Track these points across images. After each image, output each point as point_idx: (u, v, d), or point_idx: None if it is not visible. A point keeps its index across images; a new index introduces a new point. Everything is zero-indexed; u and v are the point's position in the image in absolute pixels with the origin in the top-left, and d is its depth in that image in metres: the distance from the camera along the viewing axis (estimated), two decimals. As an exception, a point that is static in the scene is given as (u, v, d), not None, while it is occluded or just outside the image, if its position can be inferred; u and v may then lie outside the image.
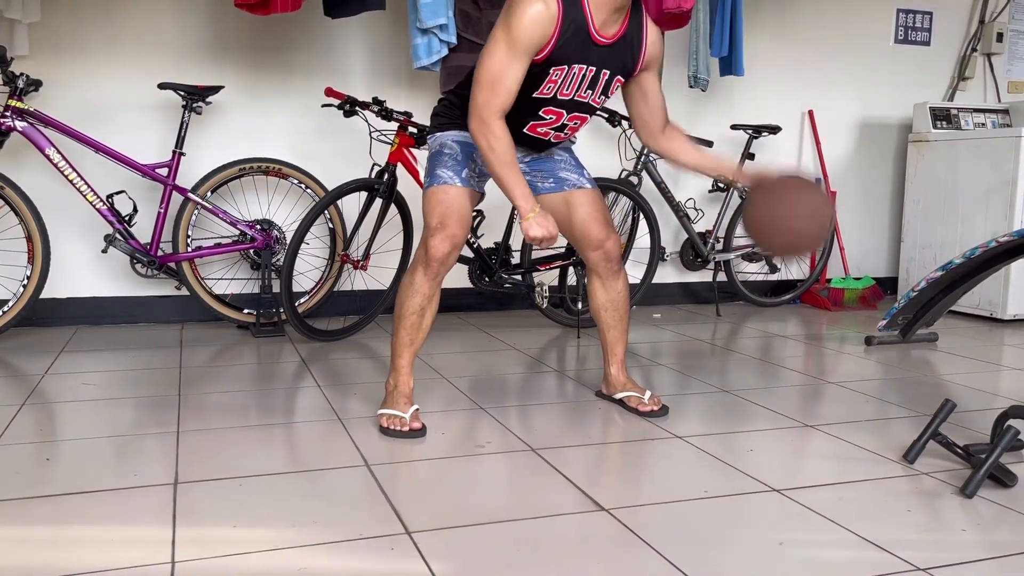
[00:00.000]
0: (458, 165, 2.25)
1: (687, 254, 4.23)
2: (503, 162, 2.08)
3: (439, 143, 2.31)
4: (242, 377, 2.81)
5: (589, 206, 2.37)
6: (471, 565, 1.48)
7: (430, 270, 2.21)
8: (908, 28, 4.88)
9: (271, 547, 1.53)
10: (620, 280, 2.46)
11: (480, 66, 2.07)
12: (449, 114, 2.32)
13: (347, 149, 3.87)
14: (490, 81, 2.05)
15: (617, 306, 2.49)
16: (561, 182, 2.38)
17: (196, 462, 1.98)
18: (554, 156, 2.42)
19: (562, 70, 2.13)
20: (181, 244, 3.44)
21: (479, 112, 2.07)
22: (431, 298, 2.26)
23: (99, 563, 1.46)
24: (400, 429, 2.21)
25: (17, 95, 3.15)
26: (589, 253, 2.41)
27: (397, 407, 2.25)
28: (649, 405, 2.43)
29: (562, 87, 2.17)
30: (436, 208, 2.22)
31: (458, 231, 2.21)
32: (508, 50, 2.04)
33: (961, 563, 1.52)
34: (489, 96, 2.05)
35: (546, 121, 2.25)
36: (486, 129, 2.07)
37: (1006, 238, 2.85)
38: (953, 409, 2.01)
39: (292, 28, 3.76)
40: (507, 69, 2.04)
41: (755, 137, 4.29)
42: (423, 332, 2.29)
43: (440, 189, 2.23)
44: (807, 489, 1.87)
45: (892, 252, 5.00)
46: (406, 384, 2.31)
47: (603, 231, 2.38)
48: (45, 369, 2.88)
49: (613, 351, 2.53)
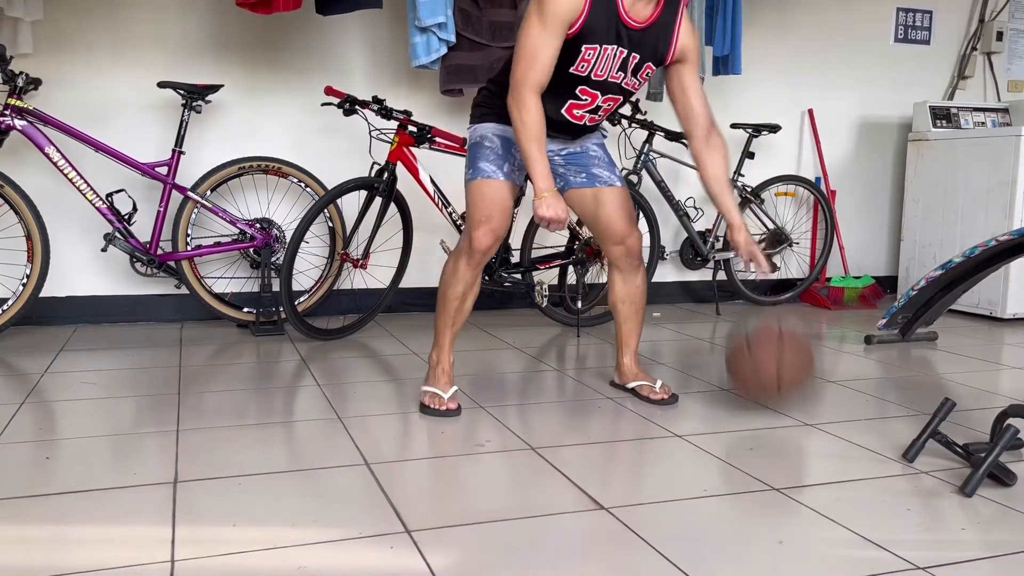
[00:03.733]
0: (500, 159, 2.35)
1: (687, 253, 4.23)
2: (531, 136, 2.16)
3: (479, 134, 2.40)
4: (242, 376, 2.81)
5: (616, 203, 2.47)
6: (471, 564, 1.48)
7: (472, 260, 2.34)
8: (908, 27, 4.88)
9: (270, 546, 1.53)
10: (639, 275, 2.57)
11: (518, 43, 2.18)
12: (491, 104, 2.39)
13: (347, 148, 3.87)
14: (527, 55, 2.15)
15: (634, 300, 2.60)
16: (593, 178, 2.48)
17: (195, 461, 1.98)
18: (589, 151, 2.50)
19: (594, 49, 2.20)
20: (181, 243, 3.44)
21: (516, 84, 2.17)
22: (472, 285, 2.41)
23: (98, 562, 1.46)
24: (438, 408, 2.37)
25: (17, 94, 3.15)
26: (611, 247, 2.52)
27: (439, 386, 2.44)
28: (660, 394, 2.54)
29: (596, 68, 2.24)
30: (480, 202, 2.32)
31: (501, 224, 2.33)
32: (541, 25, 2.13)
33: (960, 562, 1.52)
34: (526, 68, 2.15)
35: (582, 102, 2.32)
36: (520, 102, 2.16)
37: (1005, 237, 2.85)
38: (952, 408, 2.01)
39: (292, 27, 3.76)
40: (541, 43, 2.13)
41: (755, 136, 4.29)
42: (464, 314, 2.46)
43: (484, 183, 2.33)
44: (807, 488, 1.87)
45: (892, 251, 5.00)
46: (447, 360, 2.48)
47: (627, 227, 2.49)
48: (45, 368, 2.87)
49: (627, 343, 2.64)
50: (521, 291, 3.57)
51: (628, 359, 2.65)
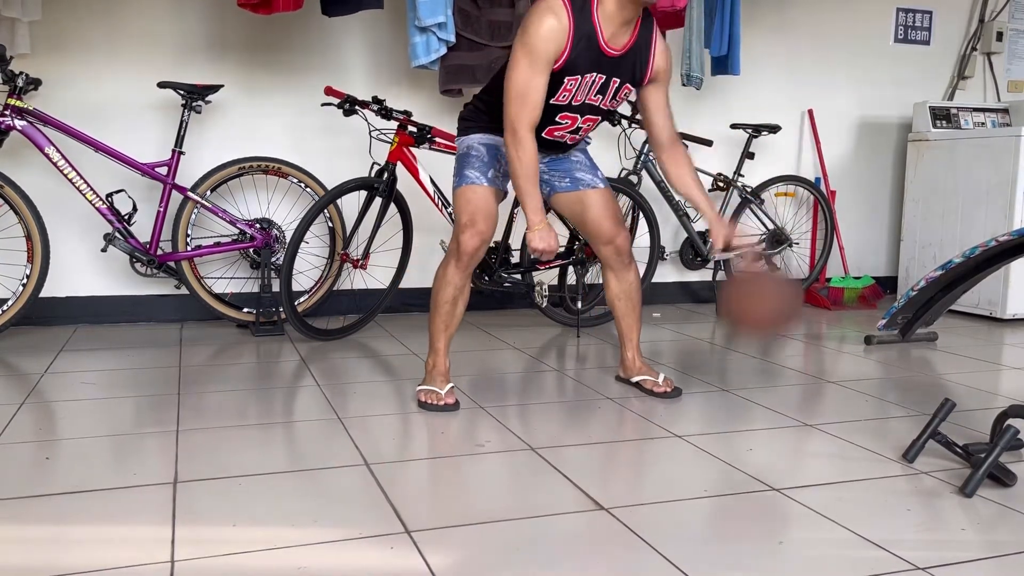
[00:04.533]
0: (485, 166, 2.43)
1: (687, 253, 4.23)
2: (526, 175, 2.27)
3: (466, 145, 2.48)
4: (241, 376, 2.81)
5: (601, 205, 2.55)
6: (471, 564, 1.48)
7: (461, 263, 2.41)
8: (908, 27, 4.88)
9: (270, 546, 1.53)
10: (631, 272, 2.66)
11: (508, 82, 2.25)
12: (476, 118, 2.49)
13: (347, 148, 3.87)
14: (518, 95, 2.23)
15: (630, 295, 2.68)
16: (577, 182, 2.56)
17: (195, 461, 1.98)
18: (571, 157, 2.59)
19: (576, 80, 2.29)
20: (181, 243, 3.44)
21: (512, 125, 2.25)
22: (462, 288, 2.46)
23: (98, 562, 1.46)
24: (436, 403, 2.43)
25: (16, 94, 3.15)
26: (601, 248, 2.60)
27: (434, 384, 2.48)
28: (663, 387, 2.62)
29: (576, 94, 2.33)
30: (466, 207, 2.40)
31: (486, 228, 2.40)
32: (529, 65, 2.21)
33: (960, 562, 1.52)
34: (519, 108, 2.23)
35: (562, 126, 2.41)
36: (517, 141, 2.25)
37: (1005, 237, 2.85)
38: (952, 408, 2.01)
39: (292, 27, 3.76)
40: (531, 82, 2.22)
41: (755, 136, 4.29)
42: (457, 318, 2.50)
43: (469, 189, 2.41)
44: (807, 489, 1.87)
45: (892, 251, 5.00)
46: (443, 363, 2.52)
47: (614, 228, 2.57)
48: (45, 368, 2.87)
49: (628, 337, 2.72)
50: (521, 291, 3.57)
51: (631, 354, 2.71)
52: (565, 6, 2.20)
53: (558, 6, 2.19)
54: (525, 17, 2.25)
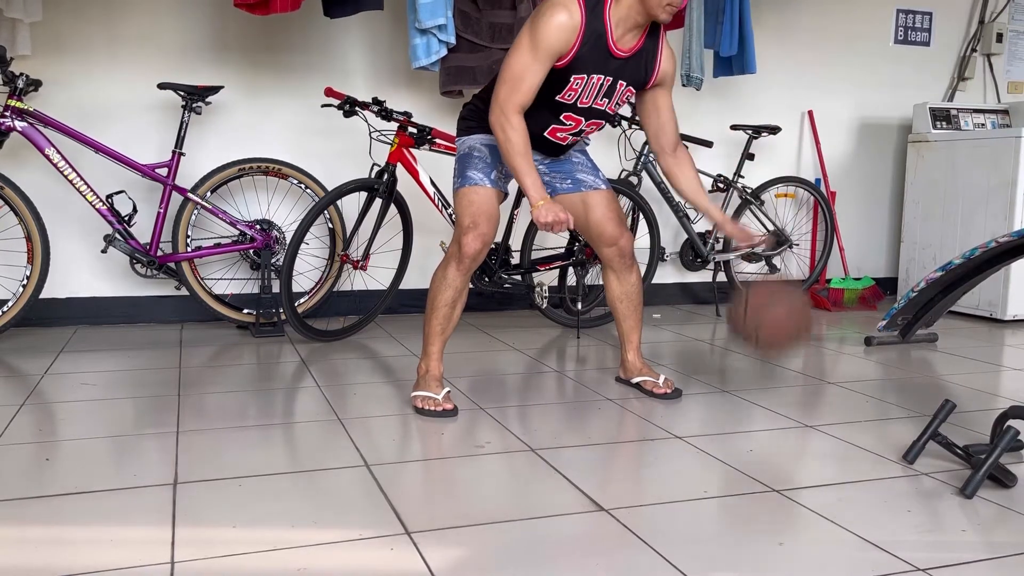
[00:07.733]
0: (487, 167, 2.41)
1: (687, 254, 4.23)
2: (518, 152, 2.23)
3: (468, 146, 2.46)
4: (242, 377, 2.81)
5: (604, 206, 2.55)
6: (471, 565, 1.48)
7: (462, 266, 2.38)
8: (908, 28, 4.88)
9: (270, 547, 1.53)
10: (633, 274, 2.65)
11: (505, 64, 2.24)
12: (477, 117, 2.46)
13: (347, 149, 3.87)
14: (512, 78, 2.22)
15: (631, 297, 2.67)
16: (578, 183, 2.56)
17: (195, 462, 1.98)
18: (572, 159, 2.59)
19: (582, 79, 2.28)
20: (181, 244, 3.44)
21: (500, 105, 2.23)
22: (462, 291, 2.43)
23: (98, 563, 1.46)
24: (434, 409, 2.38)
25: (17, 95, 3.15)
26: (604, 249, 2.59)
27: (430, 389, 2.43)
28: (663, 388, 2.62)
29: (582, 95, 2.33)
30: (468, 208, 2.38)
31: (488, 230, 2.38)
32: (532, 52, 2.20)
33: (961, 563, 1.52)
34: (510, 92, 2.22)
35: (566, 127, 2.41)
36: (504, 120, 2.22)
37: (1006, 238, 2.85)
38: (953, 409, 2.01)
39: (292, 28, 3.76)
40: (529, 69, 2.21)
41: (755, 137, 4.29)
42: (453, 322, 2.47)
43: (471, 190, 2.39)
44: (807, 490, 1.87)
45: (892, 252, 5.00)
46: (437, 368, 2.48)
47: (617, 229, 2.56)
48: (45, 369, 2.87)
49: (629, 339, 2.71)
50: (521, 292, 3.57)
51: (632, 355, 2.71)
52: (579, 3, 2.20)
53: (572, 2, 2.20)
54: (537, 8, 2.25)
